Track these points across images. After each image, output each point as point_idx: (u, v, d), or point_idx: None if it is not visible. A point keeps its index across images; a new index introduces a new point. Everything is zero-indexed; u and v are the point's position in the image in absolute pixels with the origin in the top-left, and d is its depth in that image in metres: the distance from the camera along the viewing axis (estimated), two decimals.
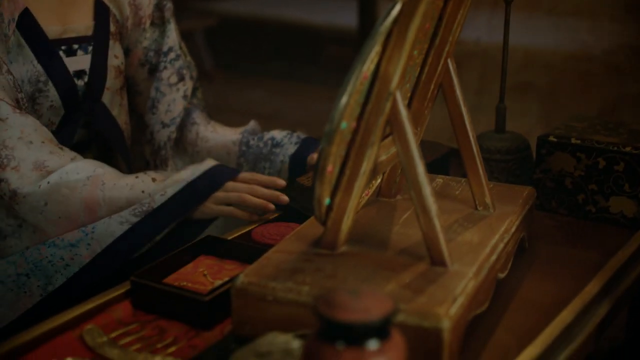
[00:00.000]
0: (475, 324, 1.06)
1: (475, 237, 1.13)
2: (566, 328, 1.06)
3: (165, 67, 1.62)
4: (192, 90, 1.68)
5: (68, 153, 1.39)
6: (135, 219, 1.32)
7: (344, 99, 0.96)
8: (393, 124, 1.02)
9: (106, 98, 1.53)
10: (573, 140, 1.43)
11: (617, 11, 2.26)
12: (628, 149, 1.38)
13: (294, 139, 1.58)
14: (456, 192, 1.29)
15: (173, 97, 1.62)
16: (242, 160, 1.61)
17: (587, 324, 1.13)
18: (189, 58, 1.68)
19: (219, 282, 1.16)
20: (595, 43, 2.28)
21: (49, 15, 1.46)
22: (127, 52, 1.61)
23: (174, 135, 1.62)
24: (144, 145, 1.65)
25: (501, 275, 1.15)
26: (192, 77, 1.66)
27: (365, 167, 1.04)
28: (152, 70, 1.63)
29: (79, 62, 1.49)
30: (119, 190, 1.34)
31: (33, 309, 1.33)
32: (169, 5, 1.63)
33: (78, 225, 1.34)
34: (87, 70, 1.49)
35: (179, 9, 1.67)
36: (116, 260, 1.32)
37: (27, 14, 1.42)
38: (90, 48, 1.50)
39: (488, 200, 1.23)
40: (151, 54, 1.61)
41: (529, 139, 1.59)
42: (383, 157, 1.11)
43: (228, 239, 1.31)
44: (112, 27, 1.55)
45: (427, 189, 1.03)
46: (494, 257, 1.10)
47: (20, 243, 1.36)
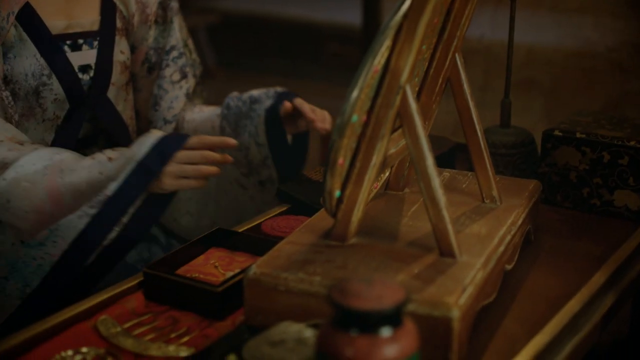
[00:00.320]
0: (483, 314, 1.08)
1: (483, 229, 1.15)
2: (573, 317, 1.08)
3: (167, 65, 1.63)
4: (195, 87, 1.69)
5: (28, 147, 1.35)
6: (93, 211, 1.29)
7: (355, 93, 0.98)
8: (403, 117, 1.04)
9: (111, 93, 1.54)
10: (578, 135, 1.44)
11: (620, 8, 2.27)
12: (632, 143, 1.40)
13: (271, 93, 1.57)
14: (463, 186, 1.31)
15: (176, 95, 1.63)
16: (224, 123, 1.60)
17: (594, 314, 1.15)
18: (194, 56, 1.69)
19: (230, 274, 1.18)
20: (598, 40, 2.30)
21: (53, 10, 1.47)
22: (133, 49, 1.62)
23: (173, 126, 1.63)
24: None
25: (508, 267, 1.17)
26: (195, 75, 1.67)
27: (376, 159, 1.06)
28: (151, 69, 1.63)
29: (84, 56, 1.49)
30: (77, 174, 1.30)
31: (16, 313, 1.31)
32: (172, 4, 1.64)
33: (48, 216, 1.31)
34: (93, 65, 1.50)
35: (181, 7, 1.67)
36: (85, 253, 1.30)
37: (28, 9, 1.43)
38: (96, 43, 1.51)
39: (495, 193, 1.24)
40: (151, 52, 1.62)
41: (533, 135, 1.61)
42: (392, 150, 1.12)
43: (238, 231, 1.32)
44: (119, 23, 1.55)
45: (436, 180, 1.04)
46: (501, 249, 1.12)
47: (5, 240, 1.34)
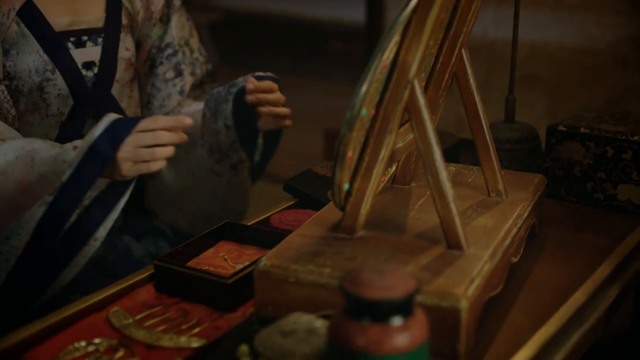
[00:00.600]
0: (490, 306, 1.10)
1: (490, 222, 1.17)
2: (579, 309, 1.10)
3: (161, 63, 1.62)
4: (198, 85, 1.68)
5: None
6: (50, 198, 1.28)
7: (364, 87, 0.99)
8: (411, 110, 1.06)
9: (115, 90, 1.54)
10: (582, 130, 1.46)
11: (622, 5, 2.28)
12: (636, 138, 1.42)
13: (247, 77, 1.54)
14: (469, 180, 1.33)
15: (168, 92, 1.62)
16: (205, 109, 1.58)
17: (599, 306, 1.17)
18: (195, 55, 1.67)
19: (239, 266, 1.19)
20: (600, 36, 2.31)
21: (56, 7, 1.47)
22: (137, 46, 1.62)
23: None
24: None
25: (514, 259, 1.18)
26: (193, 74, 1.65)
27: (384, 153, 1.07)
28: (152, 67, 1.63)
29: (88, 53, 1.49)
30: (46, 164, 1.28)
31: None
32: (175, 2, 1.63)
33: (18, 207, 1.29)
34: (97, 62, 1.50)
35: (183, 4, 1.67)
36: (46, 242, 1.29)
37: (30, 5, 1.43)
38: (100, 40, 1.51)
39: (501, 186, 1.26)
40: (154, 50, 1.62)
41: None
42: (400, 144, 1.14)
43: (247, 225, 1.34)
44: (124, 20, 1.55)
45: (444, 174, 1.06)
46: (507, 241, 1.13)
47: None
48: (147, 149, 1.28)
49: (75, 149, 1.29)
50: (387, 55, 1.00)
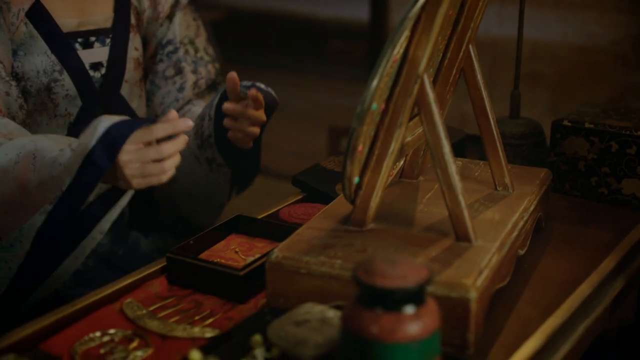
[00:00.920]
0: (497, 298, 1.11)
1: (497, 215, 1.18)
2: (585, 300, 1.12)
3: (161, 60, 1.61)
4: (212, 85, 1.66)
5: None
6: (50, 207, 1.27)
7: (374, 82, 1.01)
8: (421, 105, 1.07)
9: (125, 90, 1.53)
10: (586, 125, 1.48)
11: (624, 3, 2.30)
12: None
13: (251, 83, 1.53)
14: (475, 174, 1.34)
15: (168, 90, 1.61)
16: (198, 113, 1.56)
17: (604, 298, 1.18)
18: (200, 54, 1.64)
19: (250, 259, 1.21)
20: (602, 34, 2.33)
21: (64, 8, 1.47)
22: (144, 44, 1.61)
23: None
24: None
25: (521, 252, 1.20)
26: (195, 72, 1.63)
27: (394, 146, 1.09)
28: (153, 64, 1.62)
29: (95, 54, 1.49)
30: (46, 165, 1.25)
31: None
32: (182, 0, 1.63)
33: (17, 208, 1.28)
34: (105, 63, 1.50)
35: (191, 3, 1.67)
36: (46, 250, 1.30)
37: (38, 6, 1.43)
38: (108, 40, 1.51)
39: (507, 180, 1.28)
40: (159, 48, 1.62)
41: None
42: (409, 138, 1.16)
43: (258, 218, 1.36)
44: (133, 19, 1.55)
45: (452, 167, 1.08)
46: (515, 234, 1.15)
47: None
48: (154, 164, 1.23)
49: (72, 152, 1.24)
50: (398, 50, 1.02)
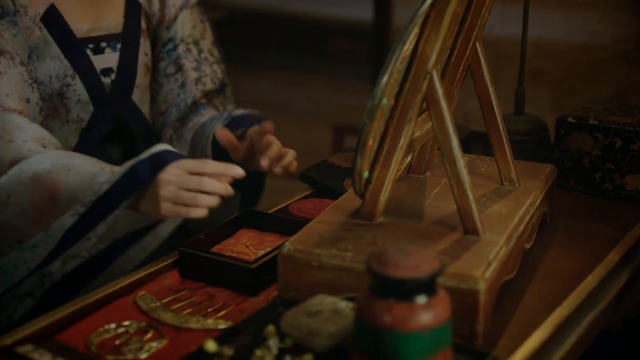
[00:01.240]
0: (505, 291, 1.13)
1: (504, 210, 1.20)
2: (591, 292, 1.14)
3: (162, 58, 1.59)
4: (220, 89, 1.66)
5: (48, 149, 1.30)
6: (83, 209, 1.23)
7: (385, 78, 1.03)
8: (429, 100, 1.09)
9: (136, 96, 1.53)
10: (591, 121, 1.50)
11: (626, 1, 2.32)
12: None
13: (225, 114, 1.50)
14: (482, 169, 1.36)
15: (170, 88, 1.59)
16: (195, 135, 1.54)
17: (609, 291, 1.20)
18: (204, 54, 1.63)
19: (261, 252, 1.23)
20: (604, 33, 2.35)
21: (77, 13, 1.47)
22: (152, 46, 1.60)
23: (170, 121, 1.58)
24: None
25: (527, 246, 1.22)
26: (197, 69, 1.61)
27: (403, 141, 1.11)
28: (155, 62, 1.61)
29: (106, 60, 1.49)
30: (83, 180, 1.24)
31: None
32: (190, 1, 1.61)
33: (45, 214, 1.26)
34: (115, 68, 1.50)
35: (200, 5, 1.67)
36: (62, 250, 1.28)
37: (53, 10, 1.43)
38: (119, 46, 1.51)
39: (514, 175, 1.30)
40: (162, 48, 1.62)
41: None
42: (417, 133, 1.18)
43: (268, 213, 1.38)
44: (143, 24, 1.55)
45: (461, 161, 1.10)
46: (521, 228, 1.17)
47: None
48: (191, 193, 1.18)
49: (112, 173, 1.24)
50: (407, 47, 1.04)
